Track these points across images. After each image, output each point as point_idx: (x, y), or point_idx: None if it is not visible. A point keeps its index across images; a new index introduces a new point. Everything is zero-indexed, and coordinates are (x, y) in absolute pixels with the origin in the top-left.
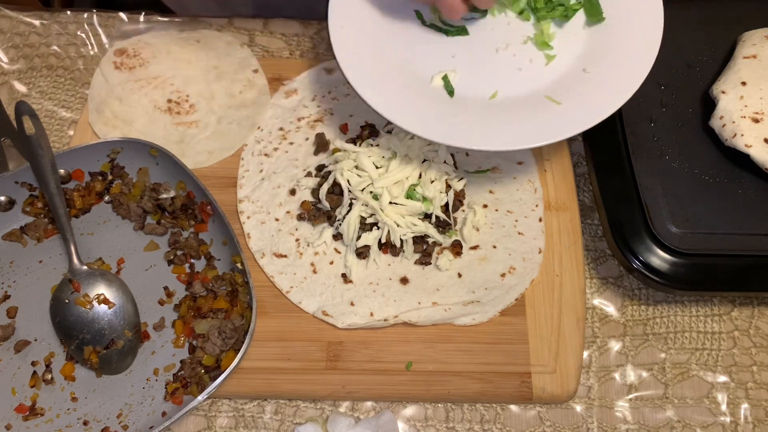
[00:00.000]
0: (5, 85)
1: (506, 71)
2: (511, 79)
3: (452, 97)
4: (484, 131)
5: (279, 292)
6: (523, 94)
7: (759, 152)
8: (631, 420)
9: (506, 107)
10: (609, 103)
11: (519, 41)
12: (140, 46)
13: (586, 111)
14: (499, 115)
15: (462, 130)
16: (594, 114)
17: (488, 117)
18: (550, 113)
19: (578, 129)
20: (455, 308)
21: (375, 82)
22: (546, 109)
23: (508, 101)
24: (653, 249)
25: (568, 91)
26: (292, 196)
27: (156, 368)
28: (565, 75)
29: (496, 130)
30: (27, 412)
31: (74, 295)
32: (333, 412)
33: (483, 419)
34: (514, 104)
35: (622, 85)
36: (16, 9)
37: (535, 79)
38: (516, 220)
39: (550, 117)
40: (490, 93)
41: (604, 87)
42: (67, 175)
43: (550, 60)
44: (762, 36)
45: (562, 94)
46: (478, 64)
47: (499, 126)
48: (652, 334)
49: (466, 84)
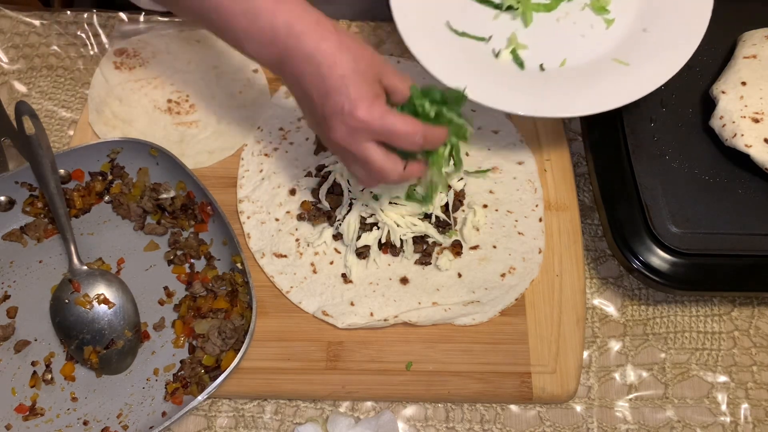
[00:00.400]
0: (5, 85)
1: (570, 39)
2: (576, 46)
3: (523, 69)
4: (563, 98)
5: (279, 292)
6: (591, 59)
7: (759, 152)
8: (631, 420)
9: (578, 73)
10: (675, 59)
11: (577, 8)
12: (140, 46)
13: (655, 69)
14: (573, 81)
15: (541, 99)
16: (664, 70)
17: (563, 84)
18: (621, 75)
19: (651, 86)
20: (455, 308)
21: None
22: (617, 71)
23: (579, 67)
24: (653, 249)
25: (633, 52)
26: (292, 196)
27: (156, 368)
28: (627, 37)
29: (574, 95)
30: (27, 412)
31: (74, 295)
32: (333, 412)
33: (483, 419)
34: (584, 69)
35: (682, 41)
36: (16, 9)
37: (599, 43)
38: (516, 220)
39: (623, 78)
40: (559, 61)
41: (666, 44)
42: (67, 175)
43: (609, 24)
44: (762, 36)
45: (629, 55)
46: (542, 35)
47: (576, 91)
48: (652, 334)
49: (534, 55)
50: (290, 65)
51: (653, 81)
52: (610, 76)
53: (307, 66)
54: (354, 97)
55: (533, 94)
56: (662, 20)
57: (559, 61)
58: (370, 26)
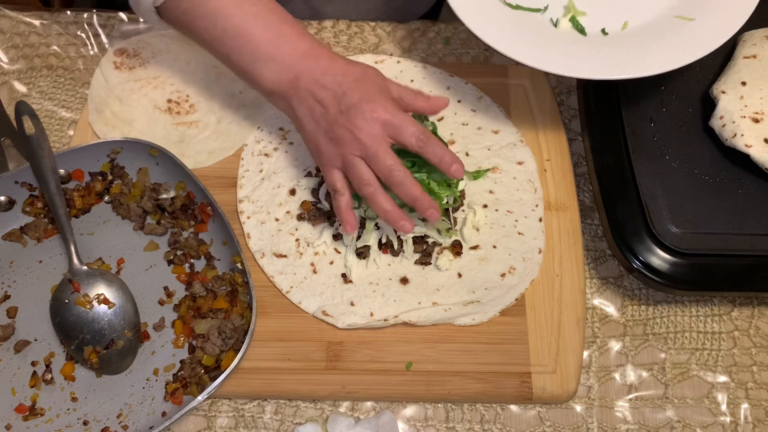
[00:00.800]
0: (5, 85)
1: (627, 1)
2: (636, 7)
3: (585, 35)
4: (631, 60)
5: (279, 292)
6: (653, 19)
7: (759, 152)
8: (631, 420)
9: (642, 34)
10: (740, 10)
11: None
12: (140, 46)
13: (720, 23)
14: (639, 43)
15: (610, 62)
16: (729, 24)
17: (629, 46)
18: (687, 31)
19: (719, 41)
20: (455, 308)
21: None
22: (682, 28)
23: (642, 28)
24: (653, 249)
25: (695, 7)
26: (292, 196)
27: (156, 368)
28: None
29: (642, 56)
30: (27, 412)
31: (74, 295)
32: (333, 412)
33: (483, 419)
34: (648, 30)
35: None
36: (16, 9)
37: (659, 2)
38: (516, 220)
39: (688, 34)
40: (621, 24)
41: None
42: (67, 175)
43: None
44: (762, 36)
45: (691, 11)
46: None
47: (644, 52)
48: (652, 334)
49: (594, 21)
50: (305, 81)
51: (720, 35)
52: (675, 34)
53: (322, 77)
54: (369, 91)
55: (600, 59)
56: None
57: (621, 24)
58: (370, 26)
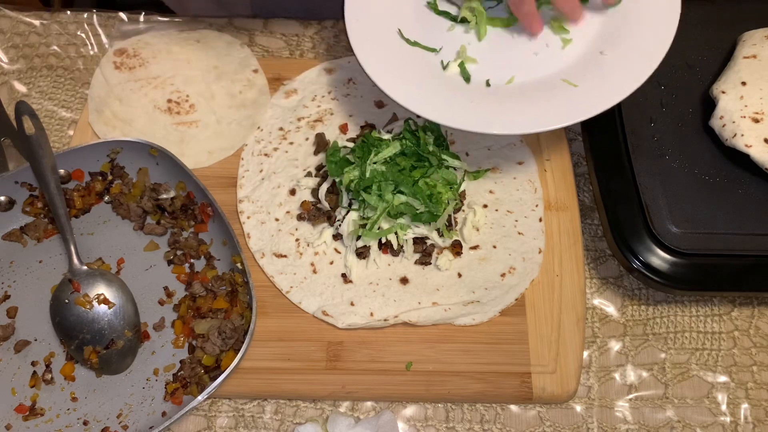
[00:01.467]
0: (5, 85)
1: (522, 56)
2: (528, 64)
3: (469, 83)
4: (503, 116)
5: (279, 292)
6: (540, 78)
7: (759, 152)
8: (631, 420)
9: (523, 91)
10: (626, 84)
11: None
12: (140, 46)
13: (603, 92)
14: (517, 100)
15: (481, 115)
16: (612, 95)
17: (506, 102)
18: (568, 96)
19: (597, 110)
20: (455, 308)
21: (392, 72)
22: (563, 92)
23: (525, 86)
24: (653, 249)
25: (584, 74)
26: (292, 196)
27: (156, 368)
28: (582, 58)
29: (515, 114)
30: (27, 412)
31: (74, 295)
32: (333, 412)
33: (483, 419)
34: (531, 88)
35: (639, 66)
36: (16, 9)
37: (552, 63)
38: (516, 220)
39: (568, 99)
40: (507, 78)
41: (621, 69)
42: (67, 175)
43: (566, 44)
44: (762, 36)
45: (579, 77)
46: (495, 50)
47: (518, 110)
48: (652, 334)
49: (482, 70)
50: None
51: (599, 104)
52: (555, 96)
53: None
54: None
55: (473, 108)
56: (622, 45)
57: (507, 78)
58: None
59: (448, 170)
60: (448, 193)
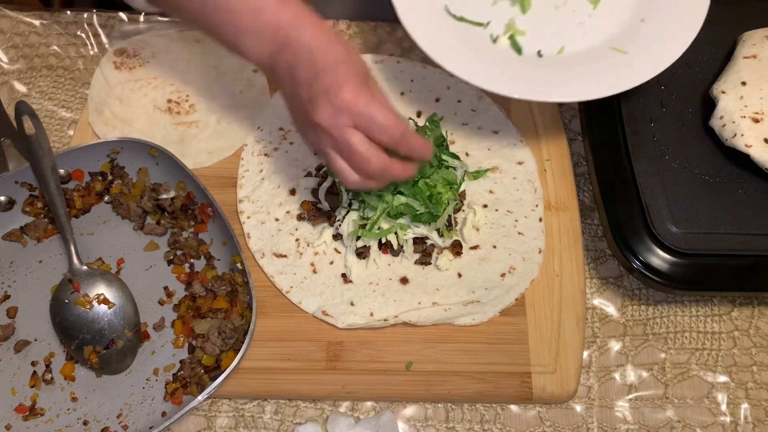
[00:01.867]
0: (5, 85)
1: (568, 27)
2: (574, 34)
3: (521, 55)
4: (560, 84)
5: (279, 292)
6: (589, 47)
7: (759, 152)
8: (631, 420)
9: (575, 60)
10: (672, 49)
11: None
12: (140, 46)
13: (652, 58)
14: (571, 68)
15: (540, 84)
16: (660, 60)
17: (560, 70)
18: (619, 63)
19: (649, 74)
20: (455, 308)
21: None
22: (614, 59)
23: (576, 55)
24: (653, 249)
25: (631, 42)
26: (292, 196)
27: (156, 368)
28: (625, 26)
29: (572, 81)
30: (27, 412)
31: (74, 295)
32: (333, 412)
33: (483, 419)
34: (582, 57)
35: (680, 31)
36: (16, 9)
37: (597, 32)
38: (516, 220)
39: (620, 66)
40: (557, 48)
41: (664, 35)
42: (67, 175)
43: (595, 4)
44: (762, 36)
45: (626, 44)
46: (540, 22)
47: (575, 77)
48: (652, 334)
49: (532, 41)
50: (286, 54)
51: (650, 70)
52: (607, 64)
53: (302, 53)
54: (342, 78)
55: (530, 79)
56: (660, 11)
57: (557, 48)
58: (370, 26)
59: (448, 170)
60: (448, 194)
